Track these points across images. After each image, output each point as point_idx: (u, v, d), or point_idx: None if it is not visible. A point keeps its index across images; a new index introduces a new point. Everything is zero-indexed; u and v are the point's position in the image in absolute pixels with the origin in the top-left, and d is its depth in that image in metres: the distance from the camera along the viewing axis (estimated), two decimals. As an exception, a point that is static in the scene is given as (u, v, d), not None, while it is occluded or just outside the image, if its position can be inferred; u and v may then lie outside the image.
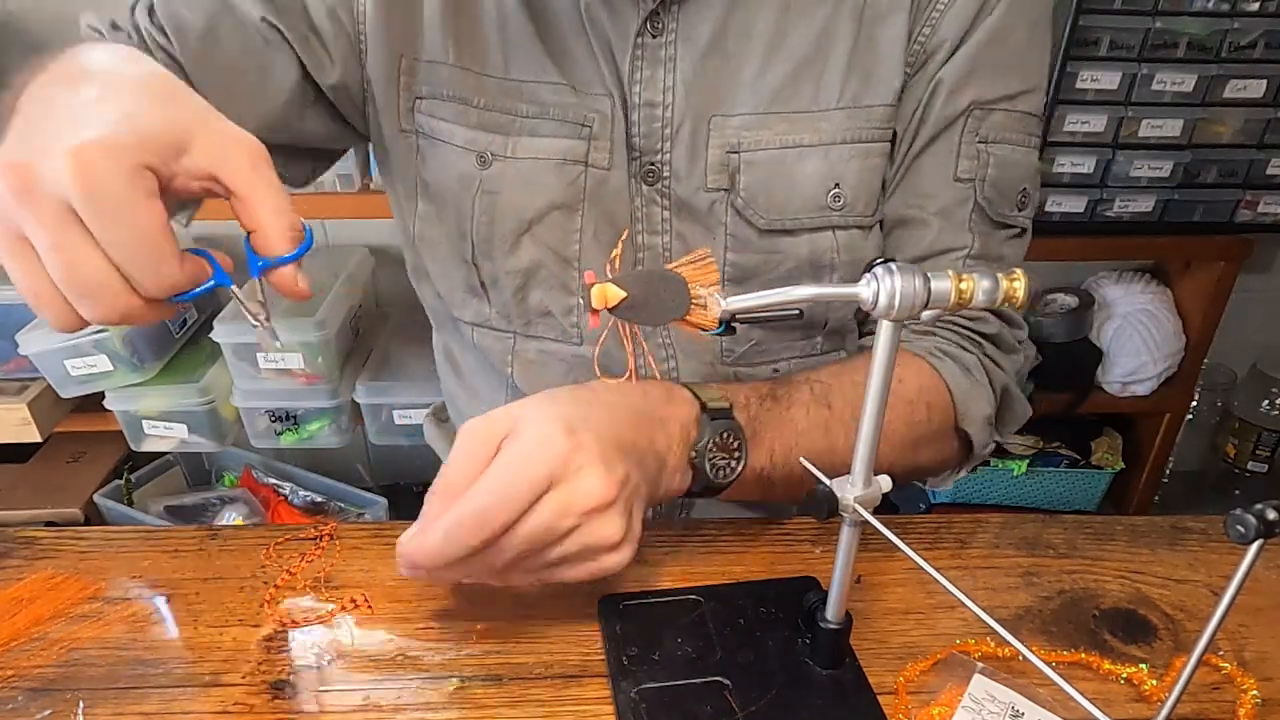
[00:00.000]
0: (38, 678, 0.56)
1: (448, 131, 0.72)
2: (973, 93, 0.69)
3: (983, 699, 0.54)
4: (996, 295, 0.44)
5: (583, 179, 0.71)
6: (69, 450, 1.82)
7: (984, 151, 0.71)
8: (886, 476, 0.51)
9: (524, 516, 0.50)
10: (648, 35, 0.68)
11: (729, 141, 0.69)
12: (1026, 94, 0.72)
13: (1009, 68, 0.70)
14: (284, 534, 0.68)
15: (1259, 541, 0.37)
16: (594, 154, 0.71)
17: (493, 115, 0.71)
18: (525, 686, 0.55)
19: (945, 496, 1.94)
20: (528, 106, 0.71)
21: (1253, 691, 0.55)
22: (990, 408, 0.72)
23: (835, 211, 0.71)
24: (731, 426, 0.60)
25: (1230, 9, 1.47)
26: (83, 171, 0.39)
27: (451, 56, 0.70)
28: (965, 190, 0.71)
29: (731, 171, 0.70)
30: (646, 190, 0.72)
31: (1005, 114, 0.71)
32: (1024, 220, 0.75)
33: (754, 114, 0.69)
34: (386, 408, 1.67)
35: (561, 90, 0.70)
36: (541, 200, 0.72)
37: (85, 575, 0.64)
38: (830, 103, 0.69)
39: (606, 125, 0.70)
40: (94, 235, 0.41)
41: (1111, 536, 0.69)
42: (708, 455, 0.59)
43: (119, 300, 0.43)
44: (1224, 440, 2.07)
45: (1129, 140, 1.56)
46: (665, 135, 0.70)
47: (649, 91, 0.69)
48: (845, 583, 0.53)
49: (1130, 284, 1.85)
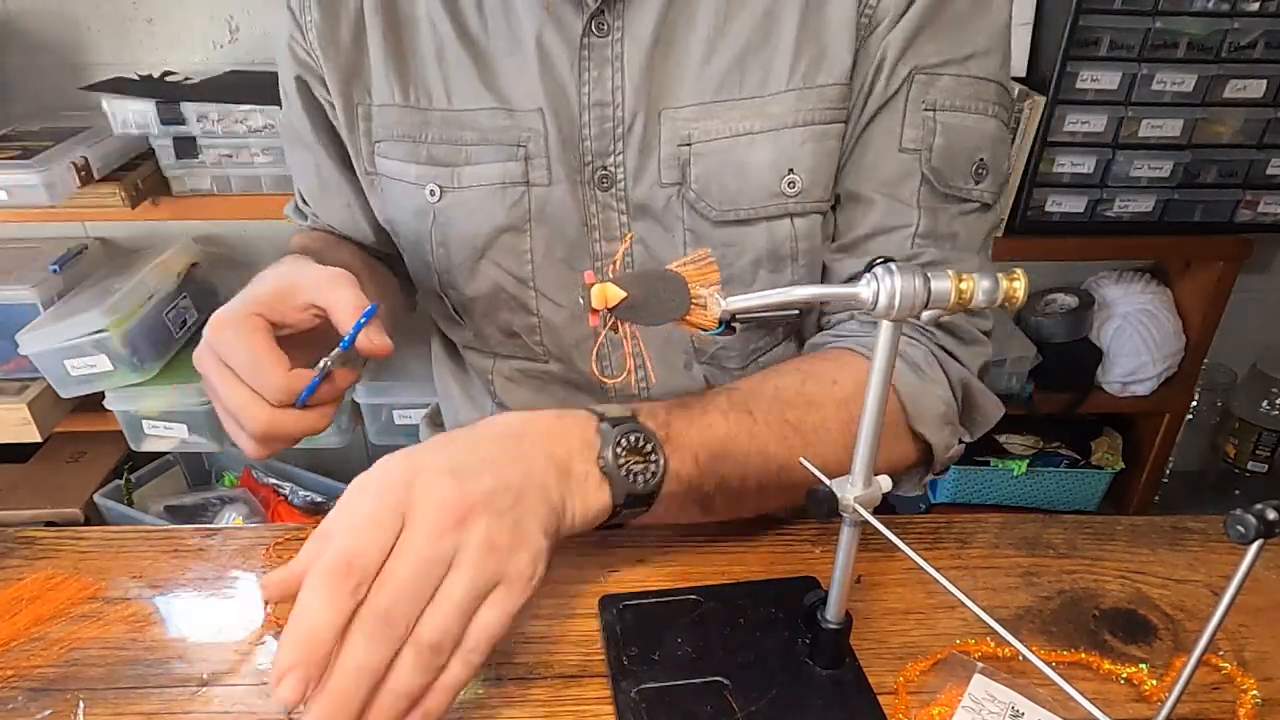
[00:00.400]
0: (38, 678, 0.56)
1: (400, 170, 0.74)
2: (915, 58, 0.66)
3: (983, 699, 0.54)
4: (997, 295, 0.44)
5: (525, 199, 0.72)
6: (69, 450, 1.82)
7: (930, 119, 0.67)
8: (886, 476, 0.51)
9: (391, 557, 0.44)
10: (594, 35, 0.67)
11: (679, 134, 0.68)
12: (977, 56, 0.67)
13: (955, 30, 0.66)
14: (284, 534, 0.68)
15: (1259, 541, 0.37)
16: (533, 173, 0.71)
17: (440, 149, 0.72)
18: (525, 686, 0.55)
19: (945, 496, 1.94)
20: (469, 134, 0.71)
21: (1253, 691, 0.55)
22: (946, 406, 0.67)
23: (790, 198, 0.69)
24: (638, 428, 0.55)
25: (1230, 9, 1.47)
26: (210, 329, 0.59)
27: (397, 96, 0.72)
28: (910, 161, 0.68)
29: (683, 164, 0.69)
30: (601, 196, 0.71)
31: (953, 79, 0.67)
32: (982, 194, 0.70)
33: (701, 103, 0.68)
34: (386, 408, 1.67)
35: (497, 114, 0.70)
36: (488, 226, 0.73)
37: (85, 575, 0.64)
38: (779, 85, 0.67)
39: (541, 141, 0.70)
40: (231, 369, 0.59)
41: (1111, 536, 0.69)
42: (618, 461, 0.53)
43: (255, 410, 0.58)
44: (1224, 440, 2.07)
45: (1129, 140, 1.56)
46: (617, 135, 0.69)
47: (598, 92, 0.69)
48: (845, 583, 0.53)
49: (1130, 284, 1.85)
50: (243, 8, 1.63)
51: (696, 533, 0.68)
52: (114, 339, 1.50)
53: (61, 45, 1.64)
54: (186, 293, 1.70)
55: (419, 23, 0.71)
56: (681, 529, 0.69)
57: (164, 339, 1.62)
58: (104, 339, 1.50)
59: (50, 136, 1.49)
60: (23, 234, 1.74)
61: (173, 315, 1.65)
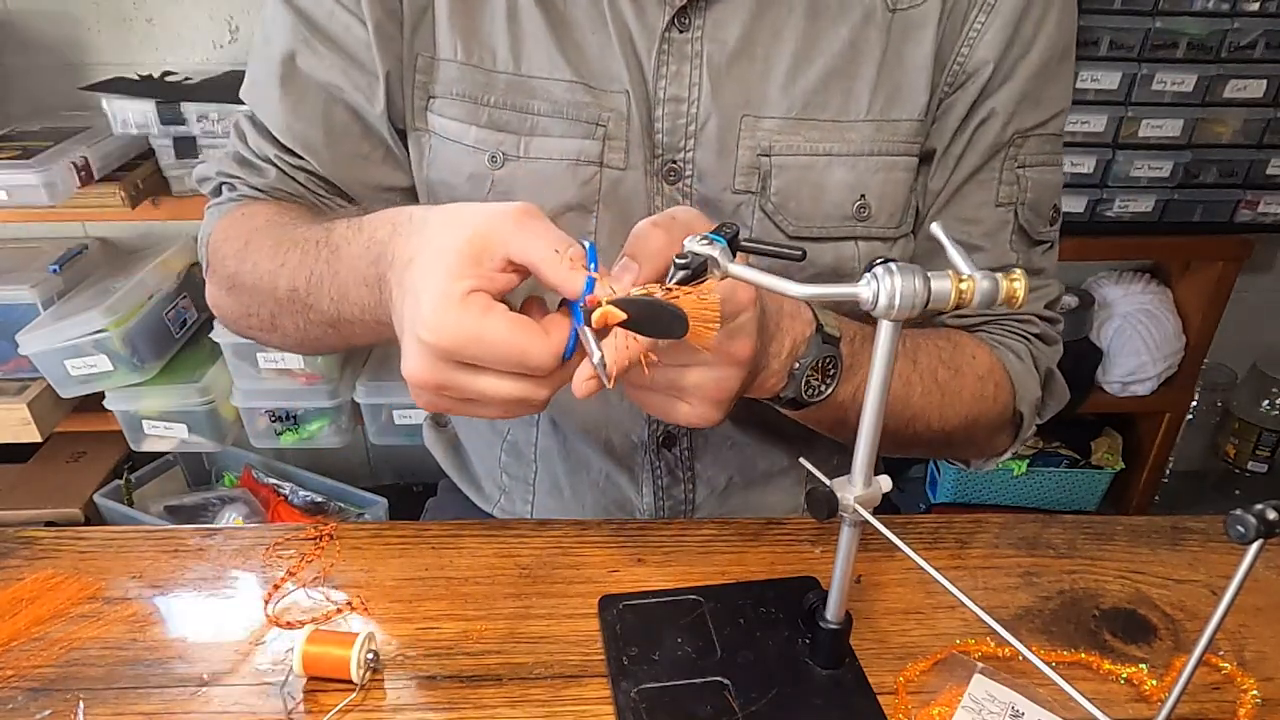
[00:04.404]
0: (38, 678, 0.56)
1: (459, 131, 0.71)
2: (1018, 123, 0.71)
3: (983, 699, 0.54)
4: (996, 295, 0.44)
5: (598, 179, 0.70)
6: (69, 450, 1.82)
7: (1022, 176, 0.73)
8: (886, 477, 0.51)
9: None
10: (675, 30, 0.67)
11: (760, 144, 0.69)
12: (1058, 116, 0.73)
13: (1050, 92, 0.72)
14: (284, 534, 0.68)
15: (1259, 541, 0.37)
16: (609, 154, 0.70)
17: (504, 114, 0.70)
18: (525, 686, 0.55)
19: (945, 496, 1.94)
20: (540, 104, 0.69)
21: (1253, 691, 0.55)
22: (1039, 391, 0.77)
23: (860, 223, 0.71)
24: (835, 355, 0.61)
25: (1230, 9, 1.47)
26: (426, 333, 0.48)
27: (460, 54, 0.69)
28: (1006, 214, 0.74)
29: (763, 174, 0.70)
30: (667, 189, 0.71)
31: (1039, 138, 0.73)
32: (1054, 233, 0.78)
33: (785, 118, 0.69)
34: (386, 408, 1.67)
35: (575, 89, 0.69)
36: (555, 201, 0.71)
37: (85, 575, 0.64)
38: (859, 114, 0.69)
39: (622, 124, 0.69)
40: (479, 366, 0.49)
41: (1111, 536, 0.69)
42: (805, 372, 0.60)
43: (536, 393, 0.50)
44: (1224, 440, 2.07)
45: (1129, 140, 1.56)
46: (689, 132, 0.69)
47: (674, 87, 0.68)
48: (845, 583, 0.53)
49: (1130, 284, 1.85)
50: (243, 8, 1.63)
51: (697, 533, 0.68)
52: (114, 339, 1.50)
53: (61, 45, 1.64)
54: (186, 293, 1.70)
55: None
56: (681, 529, 0.69)
57: (164, 339, 1.62)
58: (104, 339, 1.50)
59: (50, 136, 1.50)
60: (23, 234, 1.74)
61: (172, 315, 1.65)
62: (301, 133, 0.72)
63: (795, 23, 0.68)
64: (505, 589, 0.63)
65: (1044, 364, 0.78)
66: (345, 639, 0.55)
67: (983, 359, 0.72)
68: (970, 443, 0.76)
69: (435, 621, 0.60)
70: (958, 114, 0.71)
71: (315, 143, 0.72)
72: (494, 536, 0.68)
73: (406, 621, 0.60)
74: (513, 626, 0.60)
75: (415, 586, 0.63)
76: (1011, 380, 0.74)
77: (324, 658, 0.54)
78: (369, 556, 0.66)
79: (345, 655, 0.54)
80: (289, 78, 0.71)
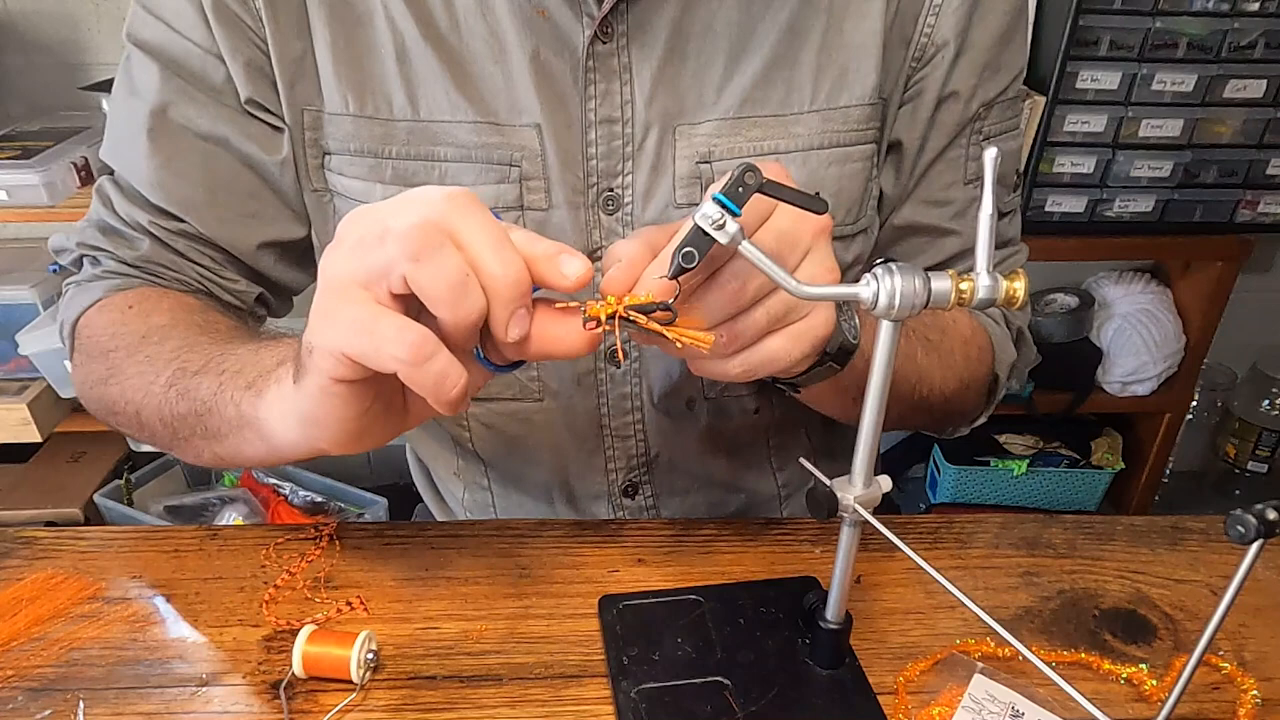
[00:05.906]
0: (38, 678, 0.56)
1: (363, 190, 0.65)
2: (982, 95, 0.68)
3: (983, 699, 0.54)
4: (997, 295, 0.44)
5: (520, 225, 0.62)
6: (69, 450, 1.82)
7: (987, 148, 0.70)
8: (886, 476, 0.51)
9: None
10: (599, 43, 0.61)
11: (698, 151, 0.64)
12: (1017, 78, 0.70)
13: (1007, 61, 0.68)
14: (284, 534, 0.68)
15: (1259, 541, 0.37)
16: (529, 195, 0.64)
17: (410, 164, 0.64)
18: (525, 686, 0.55)
19: (945, 496, 1.94)
20: (447, 149, 0.63)
21: (1253, 691, 0.55)
22: (1014, 354, 0.77)
23: None
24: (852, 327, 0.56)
25: (1230, 9, 1.47)
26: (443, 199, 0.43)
27: (352, 106, 0.63)
28: (974, 190, 0.71)
29: (705, 183, 0.64)
30: (606, 221, 0.65)
31: (1001, 105, 0.70)
32: (1017, 200, 0.77)
33: (724, 119, 0.63)
34: (386, 408, 1.66)
35: (482, 129, 0.63)
36: None
37: (85, 575, 0.64)
38: (803, 105, 0.64)
39: (538, 162, 0.63)
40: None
41: (1111, 536, 0.69)
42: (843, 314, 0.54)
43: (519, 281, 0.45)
44: (1224, 440, 2.07)
45: (1129, 140, 1.57)
46: (626, 154, 0.64)
47: (605, 108, 0.63)
48: (845, 583, 0.53)
49: (1130, 284, 1.85)
50: (243, 8, 1.63)
51: (697, 533, 0.68)
52: (114, 339, 1.50)
53: (61, 45, 1.64)
54: (186, 293, 1.70)
55: (374, 16, 0.62)
56: (681, 528, 0.69)
57: (164, 339, 1.62)
58: (104, 339, 1.49)
59: (50, 136, 1.50)
60: (23, 234, 1.74)
61: (173, 315, 1.65)
62: (178, 191, 0.66)
63: (727, 14, 0.62)
64: (505, 589, 0.63)
65: (1015, 323, 0.78)
66: (345, 639, 0.55)
67: (964, 323, 0.71)
68: (960, 411, 0.74)
69: (435, 621, 0.60)
70: (931, 96, 0.66)
71: (195, 201, 0.66)
72: (494, 536, 0.68)
73: (406, 621, 0.60)
74: (513, 626, 0.60)
75: (415, 586, 0.63)
76: (992, 342, 0.74)
77: (324, 657, 0.54)
78: (369, 556, 0.66)
79: (345, 655, 0.54)
80: (159, 131, 0.65)
